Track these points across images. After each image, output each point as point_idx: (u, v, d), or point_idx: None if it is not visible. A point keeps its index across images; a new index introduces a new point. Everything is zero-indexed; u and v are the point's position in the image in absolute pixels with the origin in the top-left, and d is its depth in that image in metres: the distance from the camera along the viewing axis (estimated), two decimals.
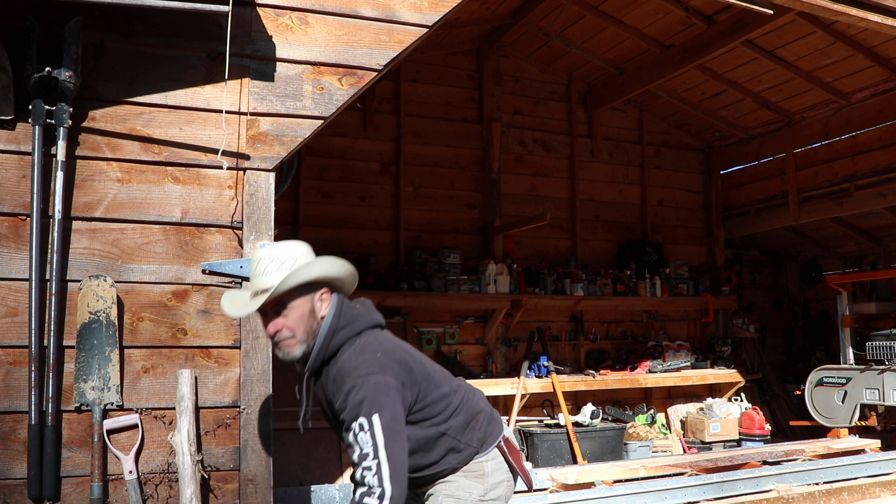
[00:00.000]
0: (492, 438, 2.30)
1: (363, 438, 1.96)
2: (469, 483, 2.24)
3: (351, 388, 2.02)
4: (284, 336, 2.14)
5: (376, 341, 2.15)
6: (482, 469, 2.26)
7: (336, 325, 2.15)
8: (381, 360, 2.07)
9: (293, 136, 2.88)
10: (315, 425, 2.46)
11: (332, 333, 2.14)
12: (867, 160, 6.96)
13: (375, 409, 1.98)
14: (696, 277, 8.08)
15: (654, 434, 6.96)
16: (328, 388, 2.17)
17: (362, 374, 2.03)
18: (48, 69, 2.49)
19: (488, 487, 2.26)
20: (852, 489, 4.56)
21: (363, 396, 1.99)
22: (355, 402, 2.00)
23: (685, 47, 6.49)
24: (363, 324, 2.18)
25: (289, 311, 2.13)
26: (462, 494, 2.22)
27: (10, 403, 2.51)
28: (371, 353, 2.09)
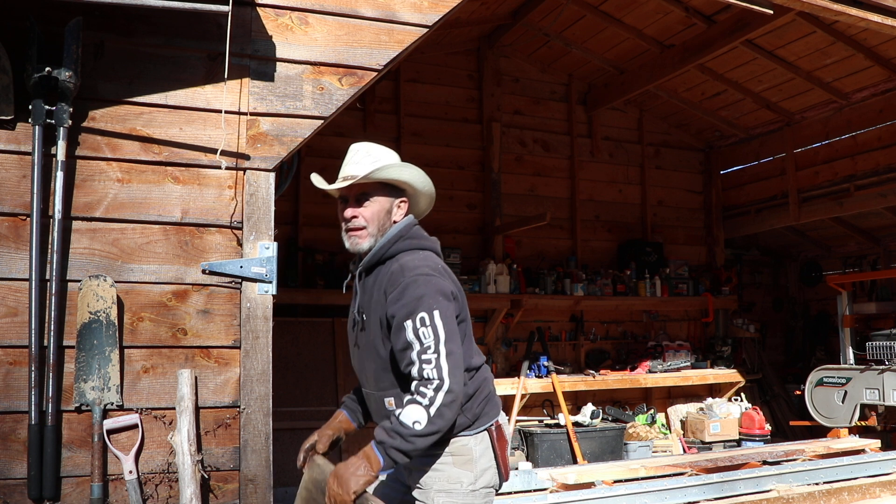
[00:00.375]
0: (486, 419, 2.23)
1: (424, 332, 1.98)
2: (458, 472, 2.17)
3: (411, 282, 2.05)
4: (358, 224, 2.21)
5: (437, 260, 2.20)
6: (470, 453, 2.18)
7: (404, 233, 2.21)
8: (440, 270, 2.13)
9: (293, 136, 2.88)
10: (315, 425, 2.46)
11: (398, 237, 2.20)
12: (867, 160, 6.96)
13: (436, 305, 2.01)
14: (696, 277, 8.08)
15: (654, 434, 6.97)
16: (381, 283, 2.16)
17: (423, 273, 2.07)
18: (48, 69, 2.48)
19: (477, 474, 2.18)
20: (852, 489, 4.56)
21: (424, 293, 2.02)
22: (415, 296, 2.02)
23: (685, 47, 6.49)
24: (428, 244, 2.24)
25: (370, 203, 2.21)
26: (453, 487, 2.17)
27: (10, 403, 2.51)
28: (433, 262, 2.14)
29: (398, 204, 2.27)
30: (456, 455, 2.17)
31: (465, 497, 2.16)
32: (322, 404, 5.88)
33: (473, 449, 2.18)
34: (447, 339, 1.99)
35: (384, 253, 2.20)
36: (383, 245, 2.20)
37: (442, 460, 2.18)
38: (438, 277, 2.09)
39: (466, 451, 2.17)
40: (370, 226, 2.22)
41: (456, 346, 2.01)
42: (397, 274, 2.11)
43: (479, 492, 2.18)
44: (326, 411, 5.92)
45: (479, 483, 2.18)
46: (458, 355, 2.01)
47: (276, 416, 2.84)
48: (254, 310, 2.77)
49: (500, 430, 2.25)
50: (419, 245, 2.22)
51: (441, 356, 1.97)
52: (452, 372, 1.97)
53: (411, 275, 2.07)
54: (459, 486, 2.16)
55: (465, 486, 2.16)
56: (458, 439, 2.17)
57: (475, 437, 2.19)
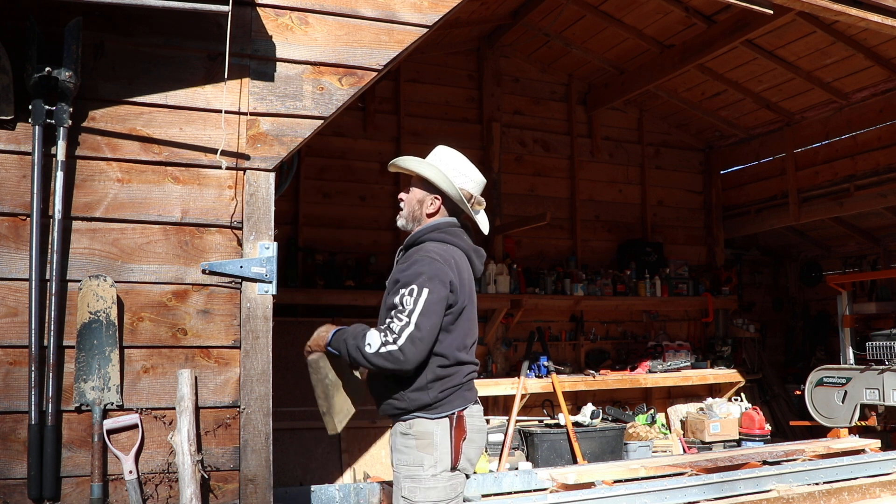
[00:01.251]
0: (448, 406, 2.42)
1: (407, 300, 2.32)
2: (420, 455, 2.39)
3: (418, 260, 2.41)
4: (400, 206, 2.68)
5: (457, 255, 2.51)
6: (431, 437, 2.39)
7: (440, 227, 2.56)
8: (448, 261, 2.43)
9: (293, 136, 2.88)
10: (315, 425, 2.50)
11: (433, 229, 2.56)
12: (867, 160, 6.96)
13: (428, 285, 2.33)
14: (696, 277, 8.08)
15: (654, 434, 6.97)
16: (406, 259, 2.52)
17: (432, 257, 2.40)
18: (48, 69, 2.48)
19: (437, 458, 2.38)
20: (852, 489, 4.56)
21: (423, 271, 2.35)
22: (415, 272, 2.36)
23: (685, 47, 6.49)
24: (458, 242, 2.56)
25: (411, 191, 2.67)
26: (416, 472, 2.39)
27: (10, 403, 2.51)
28: (447, 253, 2.46)
29: (432, 200, 2.61)
30: (419, 439, 2.40)
31: (427, 482, 2.37)
32: None
33: (434, 432, 2.40)
34: (422, 314, 2.30)
35: (418, 238, 2.56)
36: (420, 231, 2.58)
37: (407, 443, 2.42)
38: (442, 264, 2.39)
39: (428, 434, 2.40)
40: (405, 209, 2.66)
41: (427, 324, 2.30)
42: (415, 252, 2.49)
43: (439, 476, 2.38)
44: None
45: (439, 466, 2.38)
46: (425, 333, 2.30)
47: (276, 416, 2.84)
48: (254, 310, 2.77)
49: (460, 420, 2.43)
50: (448, 240, 2.53)
51: (410, 323, 2.29)
52: (410, 340, 2.28)
53: (422, 255, 2.42)
54: (421, 470, 2.38)
55: (426, 470, 2.37)
56: (420, 421, 2.41)
57: (436, 421, 2.41)
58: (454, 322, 2.44)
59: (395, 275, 2.46)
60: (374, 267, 6.59)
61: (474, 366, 2.56)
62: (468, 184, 2.62)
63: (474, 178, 2.65)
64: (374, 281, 6.38)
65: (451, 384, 2.44)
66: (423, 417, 2.41)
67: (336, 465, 5.80)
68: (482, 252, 2.68)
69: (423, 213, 2.62)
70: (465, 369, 2.50)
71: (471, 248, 2.60)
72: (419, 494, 2.38)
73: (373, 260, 6.61)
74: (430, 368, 2.40)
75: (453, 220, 2.61)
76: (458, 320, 2.46)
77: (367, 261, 6.59)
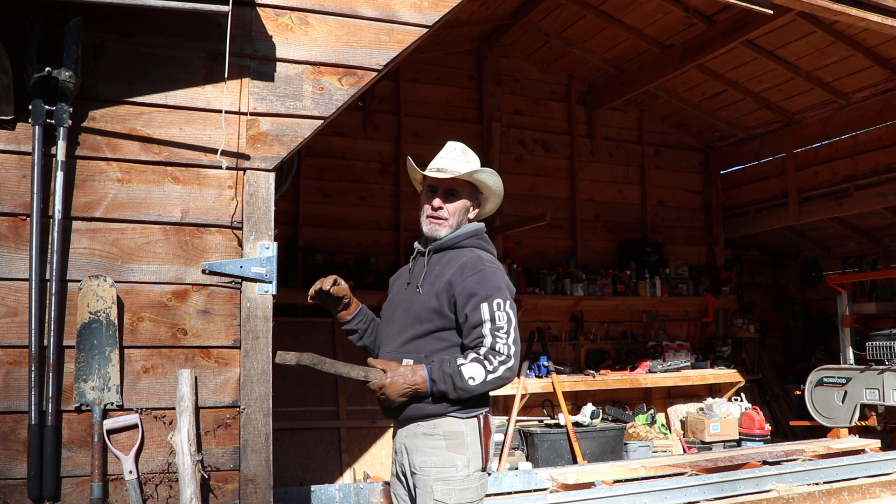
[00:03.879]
0: (477, 408, 2.39)
1: (500, 315, 2.30)
2: (452, 455, 2.33)
3: (491, 272, 2.37)
4: (443, 215, 2.51)
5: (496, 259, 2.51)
6: (462, 437, 2.34)
7: (478, 233, 2.54)
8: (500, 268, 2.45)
9: (293, 136, 2.87)
10: (315, 425, 2.49)
11: (473, 234, 2.52)
12: (867, 160, 6.96)
13: (509, 298, 2.35)
14: (696, 277, 8.08)
15: (654, 434, 6.96)
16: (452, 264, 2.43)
17: (497, 266, 2.42)
18: (48, 69, 2.48)
19: (469, 457, 2.34)
20: (852, 489, 4.56)
21: (501, 284, 2.36)
22: (495, 285, 2.34)
23: (685, 47, 6.49)
24: (492, 250, 2.55)
25: (456, 198, 2.53)
26: (449, 474, 2.32)
27: (10, 403, 2.51)
28: (500, 264, 2.47)
29: (475, 206, 2.58)
30: (449, 439, 2.34)
31: (461, 483, 2.31)
32: (322, 404, 5.88)
33: (465, 432, 2.35)
34: (516, 328, 2.32)
35: (456, 242, 2.50)
36: (458, 235, 2.51)
37: (434, 444, 2.34)
38: (507, 280, 2.42)
39: (458, 434, 2.34)
40: (451, 219, 2.52)
41: (518, 336, 2.32)
42: (476, 261, 2.40)
43: (472, 476, 2.34)
44: (326, 411, 5.95)
45: (471, 466, 2.34)
46: (519, 343, 2.32)
47: (276, 416, 2.84)
48: (254, 310, 2.77)
49: (487, 420, 2.42)
50: (487, 248, 2.53)
51: (511, 338, 2.29)
52: (517, 355, 2.30)
53: (491, 266, 2.40)
54: (454, 471, 2.31)
55: (459, 471, 2.32)
56: (450, 420, 2.34)
57: (466, 421, 2.36)
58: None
59: (467, 287, 2.34)
60: (374, 267, 6.59)
61: None
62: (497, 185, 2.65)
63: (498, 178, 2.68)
64: (373, 281, 6.38)
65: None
66: (454, 417, 2.34)
67: (336, 465, 5.80)
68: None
69: (465, 219, 2.58)
70: None
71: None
72: (453, 496, 2.30)
73: (373, 260, 6.61)
74: None
75: (483, 226, 2.60)
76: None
77: (367, 261, 6.58)
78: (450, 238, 2.50)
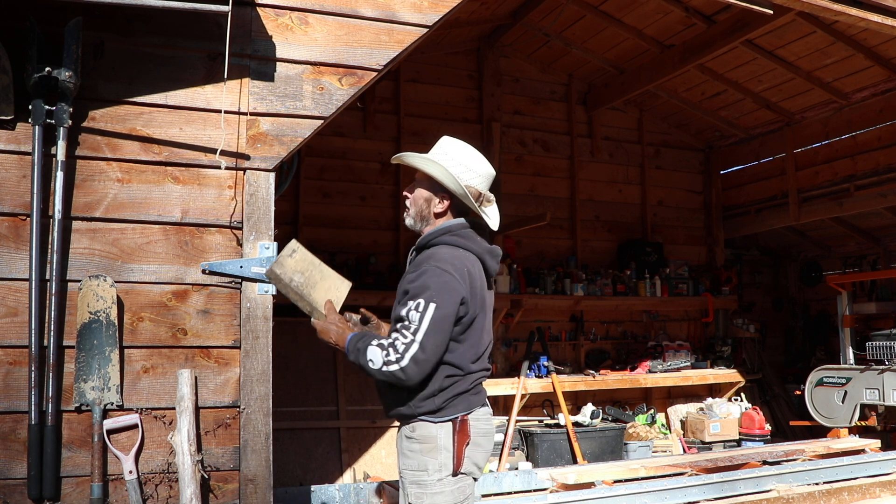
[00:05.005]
0: (451, 410, 2.36)
1: (413, 315, 2.24)
2: (425, 459, 2.34)
3: (428, 270, 2.31)
4: (406, 203, 2.54)
5: (470, 261, 2.40)
6: (435, 441, 2.35)
7: (452, 229, 2.45)
8: (461, 271, 2.33)
9: (293, 136, 2.88)
10: (315, 425, 2.50)
11: (445, 231, 2.45)
12: (867, 160, 6.96)
13: (436, 300, 2.24)
14: (696, 277, 8.08)
15: (654, 434, 6.96)
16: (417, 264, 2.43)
17: (442, 267, 2.30)
18: (48, 69, 2.48)
19: (442, 462, 2.33)
20: (852, 489, 4.56)
21: (430, 285, 2.26)
22: (423, 284, 2.27)
23: (685, 47, 6.49)
24: (471, 246, 2.44)
25: (417, 188, 2.52)
26: (422, 477, 2.34)
27: (10, 403, 2.51)
28: (459, 262, 2.35)
29: (440, 199, 2.49)
30: (423, 443, 2.36)
31: (432, 487, 2.33)
32: (322, 404, 5.88)
33: (438, 436, 2.35)
34: (427, 333, 2.22)
35: (429, 240, 2.46)
36: (431, 233, 2.47)
37: (412, 447, 2.38)
38: (453, 278, 2.29)
39: (432, 438, 2.35)
40: (412, 208, 2.52)
41: (432, 342, 2.23)
42: (425, 259, 2.38)
43: (445, 481, 2.33)
44: (326, 411, 5.95)
45: (443, 471, 2.34)
46: (429, 353, 2.23)
47: (276, 416, 2.84)
48: (254, 310, 2.77)
49: (463, 424, 2.38)
50: (461, 244, 2.43)
51: (415, 341, 2.22)
52: (414, 361, 2.22)
53: (433, 264, 2.32)
54: (426, 476, 2.33)
55: (430, 475, 2.33)
56: (424, 424, 2.36)
57: (438, 425, 2.36)
58: (464, 332, 2.36)
59: (404, 284, 2.37)
60: (374, 267, 6.59)
61: (485, 371, 2.49)
62: (475, 179, 2.48)
63: (482, 173, 2.50)
64: (373, 281, 6.38)
65: (457, 391, 2.38)
66: (426, 421, 2.36)
67: (336, 465, 5.80)
68: (497, 251, 2.56)
69: (431, 213, 2.50)
70: (474, 377, 2.43)
71: (485, 251, 2.49)
72: (425, 500, 2.33)
73: (373, 260, 6.61)
74: (437, 378, 2.33)
75: (464, 222, 2.49)
76: (469, 330, 2.38)
77: (367, 261, 6.58)
78: (425, 237, 2.49)
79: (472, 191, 2.47)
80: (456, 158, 2.48)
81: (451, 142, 2.55)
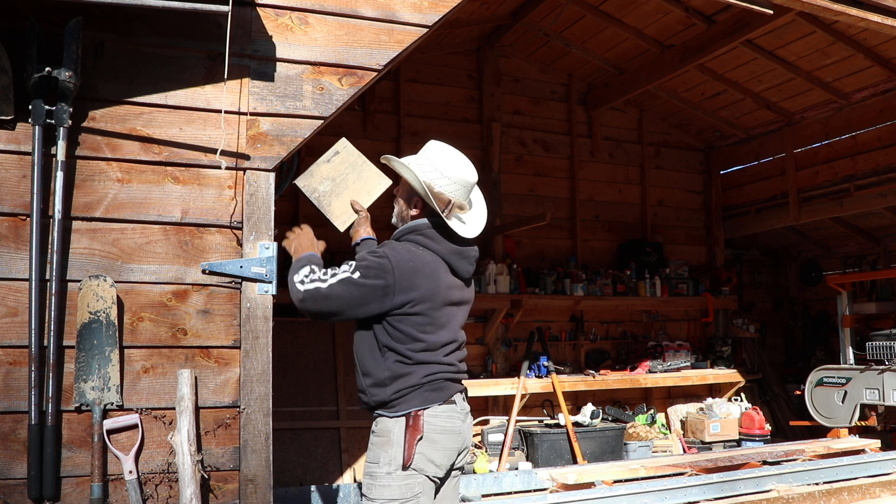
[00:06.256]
0: (405, 405, 2.43)
1: (341, 268, 2.42)
2: (379, 452, 2.44)
3: (375, 251, 2.50)
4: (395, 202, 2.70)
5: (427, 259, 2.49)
6: (389, 434, 2.43)
7: (416, 228, 2.56)
8: (403, 265, 2.43)
9: (293, 136, 2.88)
10: (315, 425, 2.52)
11: (410, 230, 2.57)
12: (867, 160, 6.96)
13: (361, 271, 2.40)
14: (696, 277, 8.08)
15: (654, 434, 6.96)
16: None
17: (385, 254, 2.44)
18: (48, 69, 2.48)
19: (392, 456, 2.40)
20: (852, 489, 4.56)
21: (368, 260, 2.43)
22: (363, 257, 2.47)
23: (685, 47, 6.49)
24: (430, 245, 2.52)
25: (399, 191, 2.69)
26: (373, 469, 2.44)
27: (10, 403, 2.51)
28: (408, 256, 2.46)
29: (415, 203, 2.60)
30: (379, 436, 2.46)
31: (381, 480, 2.40)
32: (322, 404, 5.88)
33: (392, 430, 2.43)
34: (339, 282, 2.39)
35: (397, 237, 2.61)
36: (399, 231, 2.62)
37: (373, 440, 2.48)
38: (388, 264, 2.41)
39: (387, 432, 2.44)
40: (395, 207, 2.69)
41: (336, 293, 2.38)
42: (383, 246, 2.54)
43: (394, 475, 2.39)
44: (326, 411, 5.95)
45: (392, 465, 2.40)
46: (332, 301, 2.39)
47: (275, 416, 2.84)
48: (254, 310, 2.77)
49: (416, 419, 2.43)
50: (423, 243, 2.52)
51: (325, 281, 2.40)
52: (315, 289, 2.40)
53: (381, 249, 2.49)
54: (377, 468, 2.42)
55: (380, 468, 2.41)
56: (382, 420, 2.46)
57: (394, 420, 2.43)
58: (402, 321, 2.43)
59: None
60: None
61: (446, 367, 2.51)
62: (448, 187, 2.52)
63: (457, 179, 2.53)
64: None
65: (409, 384, 2.43)
66: (383, 416, 2.46)
67: (336, 465, 5.80)
68: (470, 252, 2.60)
69: (408, 214, 2.62)
70: (428, 369, 2.46)
71: (451, 252, 2.54)
72: (375, 492, 2.41)
73: None
74: (386, 364, 2.44)
75: (427, 223, 2.56)
76: (413, 320, 2.44)
77: None
78: (395, 233, 2.63)
79: (442, 198, 2.52)
80: (435, 164, 2.54)
81: (434, 146, 2.61)
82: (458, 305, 2.59)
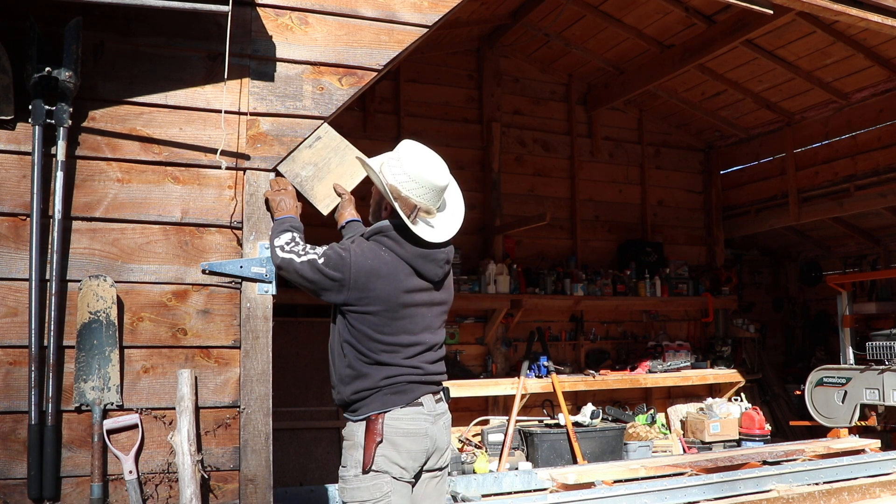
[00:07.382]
0: (366, 409, 2.47)
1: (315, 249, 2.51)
2: (347, 455, 2.51)
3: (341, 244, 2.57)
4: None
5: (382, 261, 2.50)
6: (354, 437, 2.49)
7: (381, 230, 2.56)
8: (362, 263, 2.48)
9: (293, 136, 2.88)
10: (315, 425, 2.53)
11: (376, 231, 2.59)
12: (867, 160, 6.96)
13: (325, 259, 2.48)
14: (696, 277, 8.08)
15: (654, 434, 6.97)
16: None
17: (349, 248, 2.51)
18: (48, 69, 2.48)
19: (357, 459, 2.45)
20: (852, 489, 4.56)
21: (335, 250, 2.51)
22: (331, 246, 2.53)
23: (685, 47, 6.49)
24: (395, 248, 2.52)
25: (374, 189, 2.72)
26: (343, 472, 2.50)
27: (10, 403, 2.51)
28: (369, 254, 2.50)
29: (385, 205, 2.63)
30: (347, 439, 2.53)
31: (350, 483, 2.46)
32: (322, 404, 5.88)
33: (356, 434, 2.49)
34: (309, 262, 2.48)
35: (367, 235, 2.61)
36: (368, 231, 2.63)
37: (344, 444, 2.55)
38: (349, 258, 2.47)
39: (351, 435, 2.51)
40: (371, 208, 2.75)
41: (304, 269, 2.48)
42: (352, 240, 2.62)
43: (361, 477, 2.43)
44: (326, 411, 5.95)
45: (357, 468, 2.45)
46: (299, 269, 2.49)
47: (276, 416, 2.84)
48: (254, 310, 2.77)
49: (372, 423, 2.46)
50: (385, 243, 2.53)
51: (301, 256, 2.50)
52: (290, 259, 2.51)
53: (345, 244, 2.56)
54: (345, 471, 2.49)
55: (348, 471, 2.47)
56: (349, 424, 2.53)
57: (357, 423, 2.50)
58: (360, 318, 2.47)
59: None
60: None
61: (409, 369, 2.49)
62: (415, 191, 2.50)
63: (425, 184, 2.50)
64: None
65: (366, 385, 2.46)
66: (349, 420, 2.53)
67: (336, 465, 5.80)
68: (438, 255, 2.57)
69: (381, 213, 2.66)
70: (388, 371, 2.47)
71: (415, 255, 2.52)
72: (346, 494, 2.47)
73: None
74: (347, 361, 2.51)
75: (389, 225, 2.55)
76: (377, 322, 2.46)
77: None
78: (364, 233, 2.65)
79: (408, 202, 2.51)
80: (404, 166, 2.53)
81: (406, 148, 2.59)
82: (426, 307, 2.56)
